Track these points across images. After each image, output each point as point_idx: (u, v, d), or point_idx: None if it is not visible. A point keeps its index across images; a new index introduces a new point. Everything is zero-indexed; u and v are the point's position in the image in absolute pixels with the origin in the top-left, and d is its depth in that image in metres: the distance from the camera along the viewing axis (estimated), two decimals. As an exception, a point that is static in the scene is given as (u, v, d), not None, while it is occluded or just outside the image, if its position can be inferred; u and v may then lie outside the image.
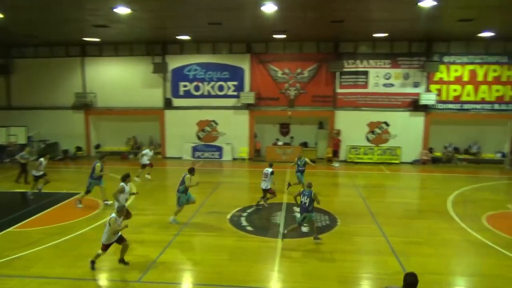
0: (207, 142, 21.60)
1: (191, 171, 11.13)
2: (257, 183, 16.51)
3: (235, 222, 11.39)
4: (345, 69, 20.08)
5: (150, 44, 21.12)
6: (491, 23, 15.00)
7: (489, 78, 19.55)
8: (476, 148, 20.41)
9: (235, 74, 21.03)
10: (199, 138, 21.77)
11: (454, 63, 19.67)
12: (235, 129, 21.25)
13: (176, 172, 18.52)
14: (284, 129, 22.07)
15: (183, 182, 10.88)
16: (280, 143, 21.35)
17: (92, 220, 11.32)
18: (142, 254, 9.01)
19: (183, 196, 10.96)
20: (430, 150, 20.41)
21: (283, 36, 18.43)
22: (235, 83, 21.09)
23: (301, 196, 9.80)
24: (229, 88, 21.19)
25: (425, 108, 19.90)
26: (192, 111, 21.48)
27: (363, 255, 9.29)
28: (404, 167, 19.86)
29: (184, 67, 21.28)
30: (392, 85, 20.14)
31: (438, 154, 20.57)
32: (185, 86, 21.43)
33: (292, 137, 21.71)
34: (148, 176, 16.58)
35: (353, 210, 12.35)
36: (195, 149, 21.51)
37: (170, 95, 21.54)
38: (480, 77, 19.59)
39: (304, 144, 21.37)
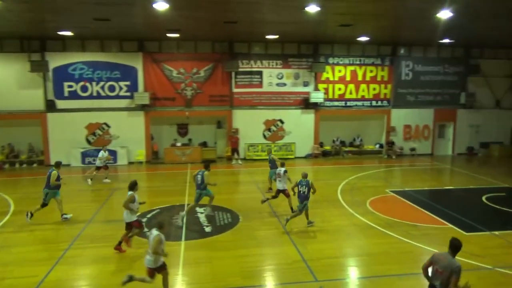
0: (99, 146, 20.00)
1: (207, 167, 11.40)
2: (156, 186, 16.05)
3: (134, 229, 10.77)
4: (240, 69, 20.51)
5: (25, 40, 18.77)
6: (366, 29, 16.75)
7: (367, 78, 21.86)
8: (359, 141, 22.68)
9: (127, 73, 19.93)
10: (89, 142, 20.11)
11: (337, 64, 21.53)
12: (129, 132, 20.14)
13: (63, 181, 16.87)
14: (182, 129, 21.68)
15: (203, 180, 11.10)
16: (178, 144, 20.90)
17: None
18: (26, 274, 7.97)
19: (207, 191, 11.28)
20: (321, 145, 22.04)
21: (177, 35, 18.06)
22: (128, 83, 19.99)
23: (299, 186, 10.62)
24: (121, 88, 19.99)
25: (315, 106, 21.41)
26: (80, 114, 19.72)
27: (265, 248, 9.58)
28: (299, 161, 21.10)
29: (68, 65, 19.43)
30: (284, 84, 21.21)
31: (327, 147, 22.32)
32: (70, 86, 19.57)
33: (190, 139, 21.42)
34: (107, 180, 16.22)
35: (254, 206, 12.67)
36: (85, 154, 19.81)
37: (53, 97, 19.48)
38: (360, 77, 21.78)
39: (204, 144, 21.28)
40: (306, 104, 21.37)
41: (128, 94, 20.01)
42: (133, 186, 9.18)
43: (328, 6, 12.09)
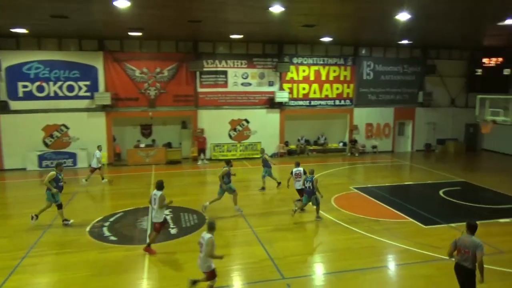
0: (57, 149, 19.24)
1: (229, 162, 12.36)
2: (119, 189, 15.61)
3: (96, 233, 10.44)
4: (205, 69, 20.34)
5: (-26, 37, 17.73)
6: (329, 30, 17.08)
7: (331, 78, 22.30)
8: (323, 139, 23.10)
9: (87, 73, 19.23)
10: (46, 145, 19.23)
11: (302, 64, 21.82)
12: (90, 133, 19.42)
13: (19, 187, 16.11)
14: (146, 130, 21.22)
15: (228, 174, 11.93)
16: (142, 145, 20.43)
17: None
18: (-22, 286, 7.52)
19: (230, 186, 12.03)
20: (286, 144, 22.27)
21: (140, 34, 17.64)
22: (88, 83, 19.28)
23: (305, 182, 11.50)
24: (80, 88, 19.25)
25: (280, 105, 21.60)
26: (36, 115, 18.80)
27: (232, 248, 9.56)
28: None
29: (23, 64, 18.48)
30: (249, 84, 21.25)
31: (292, 146, 22.59)
32: (25, 86, 18.62)
33: (154, 140, 21.01)
34: (105, 180, 16.08)
35: (221, 206, 12.59)
36: (42, 157, 18.91)
37: (6, 97, 18.47)
38: (323, 77, 22.18)
39: (168, 145, 20.94)
40: (271, 103, 21.52)
41: (88, 94, 19.31)
42: (161, 186, 9.13)
43: (292, 7, 12.20)
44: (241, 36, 18.52)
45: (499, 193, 14.60)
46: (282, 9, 12.11)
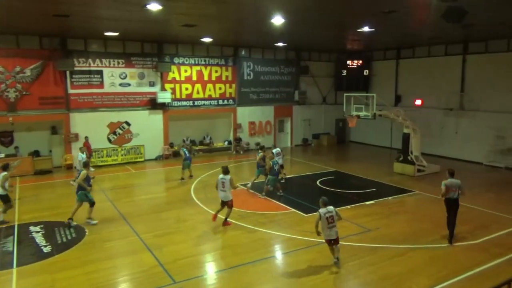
0: None
1: (262, 148, 15.31)
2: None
3: None
4: (76, 68, 18.57)
5: None
6: (209, 30, 17.17)
7: (213, 78, 22.49)
8: (208, 139, 23.21)
9: None
10: None
11: (183, 64, 21.52)
12: None
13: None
14: (6, 138, 18.39)
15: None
16: (1, 155, 17.66)
17: None
18: None
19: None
20: (171, 145, 21.75)
21: (-8, 26, 15.24)
22: None
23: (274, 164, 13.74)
24: None
25: (163, 106, 20.97)
26: None
27: (117, 259, 8.93)
28: (149, 163, 20.37)
29: None
30: (128, 84, 20.13)
31: (176, 148, 22.14)
32: None
33: (17, 147, 18.27)
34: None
35: (102, 216, 11.66)
36: None
37: None
38: (206, 77, 22.24)
39: (36, 153, 18.53)
40: (153, 104, 20.75)
41: None
42: (227, 169, 10.93)
43: (170, 6, 11.89)
44: (116, 34, 17.41)
45: (364, 179, 16.59)
46: (160, 7, 11.74)
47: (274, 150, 15.52)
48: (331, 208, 8.37)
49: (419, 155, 17.55)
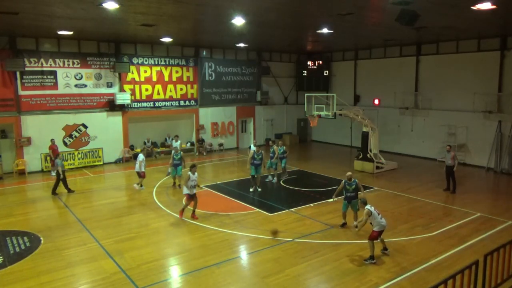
0: None
1: (275, 142, 16.72)
2: None
3: None
4: (27, 69, 17.63)
5: None
6: (169, 30, 16.86)
7: (174, 78, 22.12)
8: (170, 140, 22.76)
9: None
10: None
11: (143, 64, 21.01)
12: None
13: None
14: (-49, 143, 17.22)
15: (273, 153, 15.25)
16: None
17: None
18: None
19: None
20: (131, 148, 21.16)
21: None
22: None
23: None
24: None
25: (122, 108, 20.36)
26: None
27: (76, 267, 8.55)
28: (108, 167, 19.70)
29: None
30: (84, 85, 19.37)
31: (138, 150, 21.45)
32: None
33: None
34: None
35: (58, 223, 11.16)
36: None
37: None
38: (166, 78, 21.84)
39: (-16, 159, 17.44)
40: (111, 106, 20.10)
41: None
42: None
43: (127, 5, 11.56)
44: (71, 33, 16.69)
45: (326, 177, 16.93)
46: (116, 6, 11.38)
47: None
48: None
49: (378, 153, 18.18)
